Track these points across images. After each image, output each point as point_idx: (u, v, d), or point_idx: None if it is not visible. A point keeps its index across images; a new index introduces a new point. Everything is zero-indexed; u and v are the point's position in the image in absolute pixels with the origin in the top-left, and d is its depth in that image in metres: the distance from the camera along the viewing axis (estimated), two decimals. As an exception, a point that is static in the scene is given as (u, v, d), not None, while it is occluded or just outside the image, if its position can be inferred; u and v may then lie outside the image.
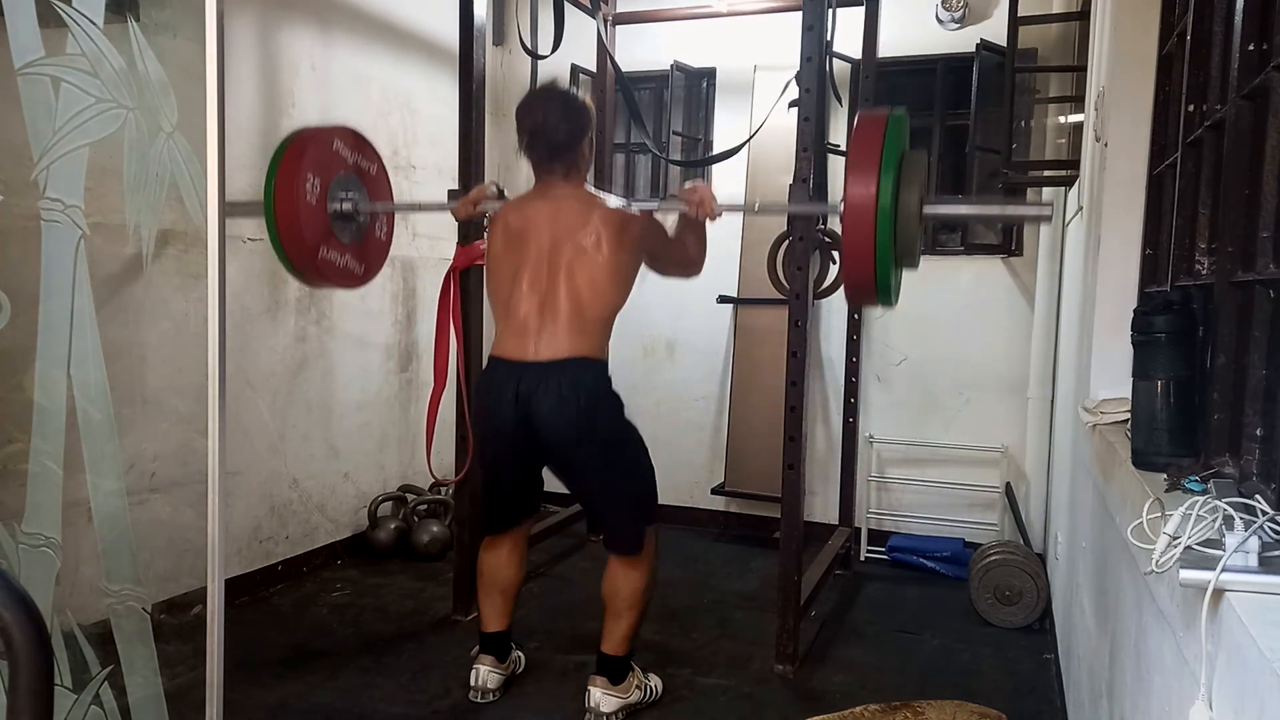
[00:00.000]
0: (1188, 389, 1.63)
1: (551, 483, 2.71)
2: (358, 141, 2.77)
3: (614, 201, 2.56)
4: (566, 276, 2.44)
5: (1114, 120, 2.37)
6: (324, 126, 2.76)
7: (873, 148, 2.12)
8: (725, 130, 4.60)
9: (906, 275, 2.43)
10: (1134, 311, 1.77)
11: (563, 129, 2.48)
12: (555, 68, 4.28)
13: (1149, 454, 1.66)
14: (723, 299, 4.53)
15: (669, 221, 2.64)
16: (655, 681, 2.74)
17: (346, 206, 2.68)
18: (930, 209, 2.22)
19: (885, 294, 2.21)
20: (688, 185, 2.56)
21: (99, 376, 1.76)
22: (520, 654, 2.88)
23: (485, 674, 2.69)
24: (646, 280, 4.68)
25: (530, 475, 2.69)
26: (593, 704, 2.56)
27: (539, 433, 2.44)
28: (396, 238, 4.15)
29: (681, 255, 2.65)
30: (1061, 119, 3.97)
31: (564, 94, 2.55)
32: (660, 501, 2.72)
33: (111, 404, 1.77)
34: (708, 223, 2.59)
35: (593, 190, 2.59)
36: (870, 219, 2.08)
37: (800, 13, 2.95)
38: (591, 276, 2.44)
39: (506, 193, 2.74)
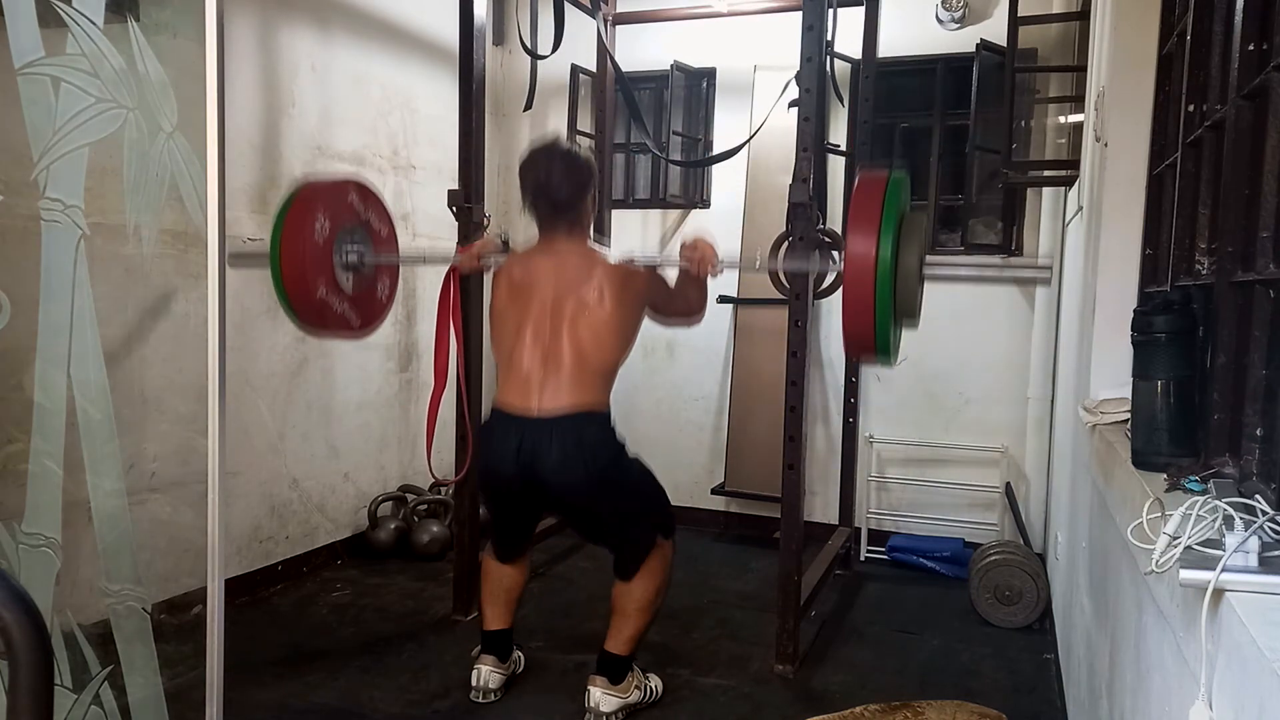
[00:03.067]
0: (1188, 389, 1.63)
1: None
2: (372, 199, 2.81)
3: (616, 257, 2.58)
4: (570, 329, 2.45)
5: (1114, 120, 2.37)
6: (341, 177, 2.79)
7: (873, 207, 2.15)
8: (725, 130, 4.60)
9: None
10: (1134, 311, 1.76)
11: (565, 188, 2.49)
12: (555, 68, 4.29)
13: (1149, 454, 1.66)
14: (723, 299, 4.53)
15: (671, 274, 2.65)
16: (655, 682, 2.74)
17: (352, 257, 2.72)
18: (930, 269, 2.24)
19: (884, 352, 2.24)
20: (688, 242, 2.54)
21: (99, 376, 1.76)
22: (520, 654, 2.88)
23: (487, 674, 2.69)
24: (646, 280, 4.75)
25: (534, 516, 2.72)
26: (592, 704, 2.56)
27: (544, 486, 2.45)
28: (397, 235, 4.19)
29: (683, 307, 2.67)
30: (1061, 119, 3.97)
31: (565, 152, 2.55)
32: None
33: (111, 404, 1.78)
34: (709, 278, 2.60)
35: (595, 246, 2.61)
36: (870, 278, 2.11)
37: (800, 13, 2.96)
38: (594, 330, 2.45)
39: (511, 242, 2.76)
